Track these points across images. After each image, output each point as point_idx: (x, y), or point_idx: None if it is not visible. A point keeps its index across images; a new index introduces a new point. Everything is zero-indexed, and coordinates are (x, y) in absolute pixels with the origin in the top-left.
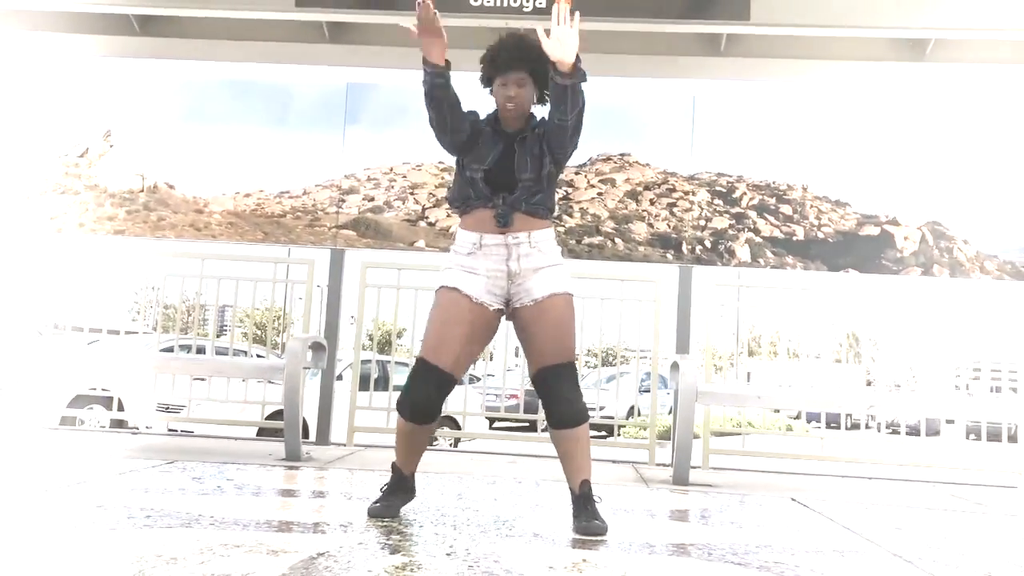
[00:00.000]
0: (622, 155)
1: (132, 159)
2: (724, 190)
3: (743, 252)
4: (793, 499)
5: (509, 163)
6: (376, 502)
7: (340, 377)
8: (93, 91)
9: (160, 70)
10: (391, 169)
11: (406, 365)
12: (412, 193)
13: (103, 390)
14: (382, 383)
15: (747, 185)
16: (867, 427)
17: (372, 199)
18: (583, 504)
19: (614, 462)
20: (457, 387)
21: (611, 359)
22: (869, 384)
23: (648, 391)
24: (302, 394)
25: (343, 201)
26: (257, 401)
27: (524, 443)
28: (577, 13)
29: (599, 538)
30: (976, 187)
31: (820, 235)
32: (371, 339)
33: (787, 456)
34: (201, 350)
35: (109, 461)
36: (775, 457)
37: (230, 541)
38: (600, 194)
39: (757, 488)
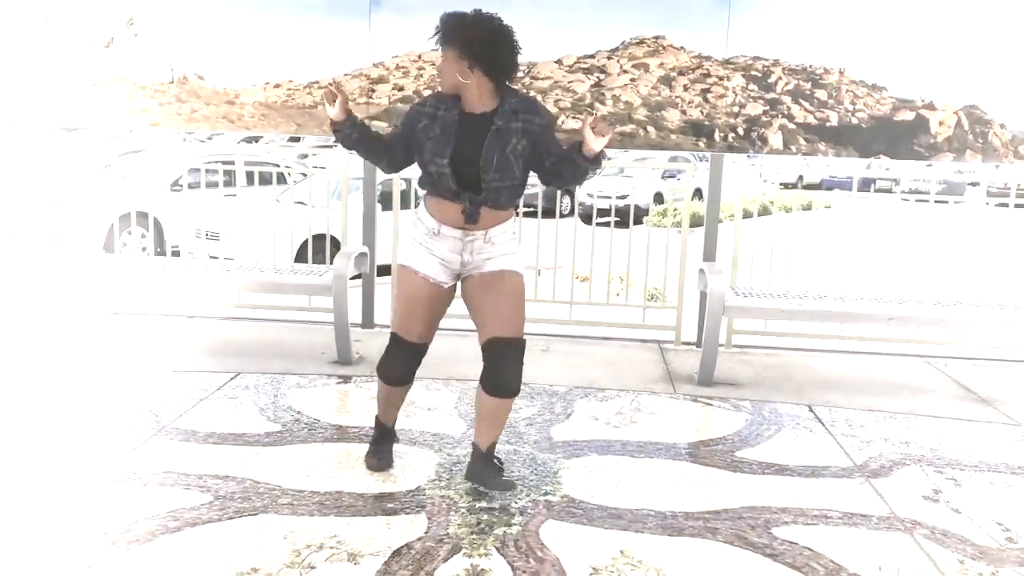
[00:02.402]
0: (656, 38)
1: (158, 48)
2: (759, 75)
3: (775, 139)
4: (810, 408)
5: (472, 151)
6: (371, 456)
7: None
8: None
9: None
10: (419, 57)
11: None
12: None
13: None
14: None
15: (783, 69)
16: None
17: (402, 88)
18: (484, 461)
19: (642, 342)
20: None
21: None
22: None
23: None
24: (347, 307)
25: (373, 91)
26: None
27: None
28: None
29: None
30: (1017, 66)
31: (854, 120)
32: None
33: (809, 336)
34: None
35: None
36: (795, 337)
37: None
38: (633, 80)
39: (779, 389)
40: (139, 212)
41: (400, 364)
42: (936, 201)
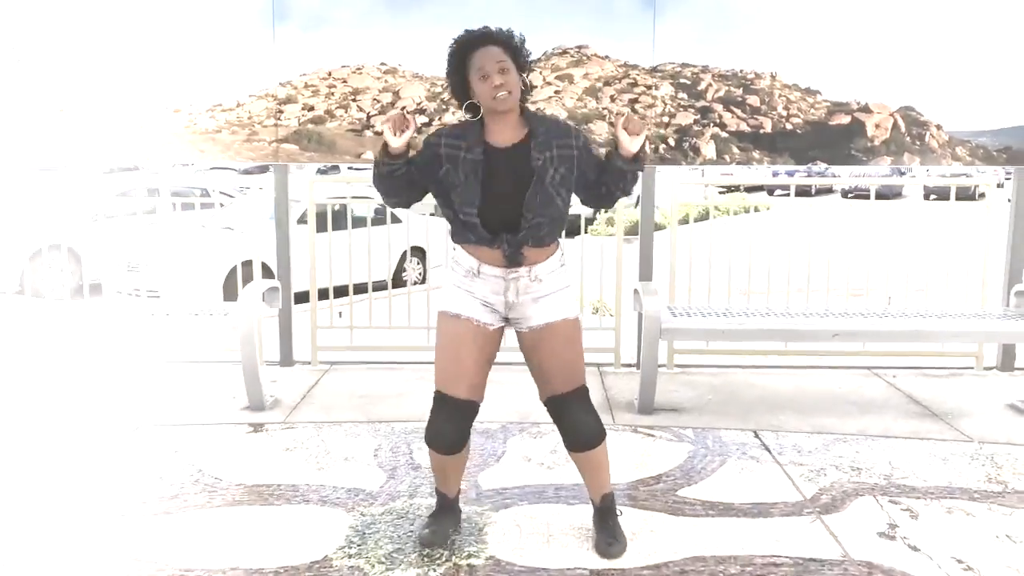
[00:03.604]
0: (579, 47)
1: (46, 75)
2: (688, 82)
3: (708, 149)
4: (756, 435)
5: (505, 189)
6: (425, 528)
7: None
8: None
9: None
10: (329, 74)
11: None
12: (355, 100)
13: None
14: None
15: (713, 76)
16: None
17: (312, 108)
18: (604, 519)
19: None
20: None
21: None
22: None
23: None
24: (258, 345)
25: (281, 112)
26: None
27: None
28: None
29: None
30: (952, 67)
31: (789, 127)
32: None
33: (753, 353)
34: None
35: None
36: (740, 354)
37: None
38: (558, 92)
39: (724, 412)
40: (55, 245)
41: (449, 429)
42: (877, 198)
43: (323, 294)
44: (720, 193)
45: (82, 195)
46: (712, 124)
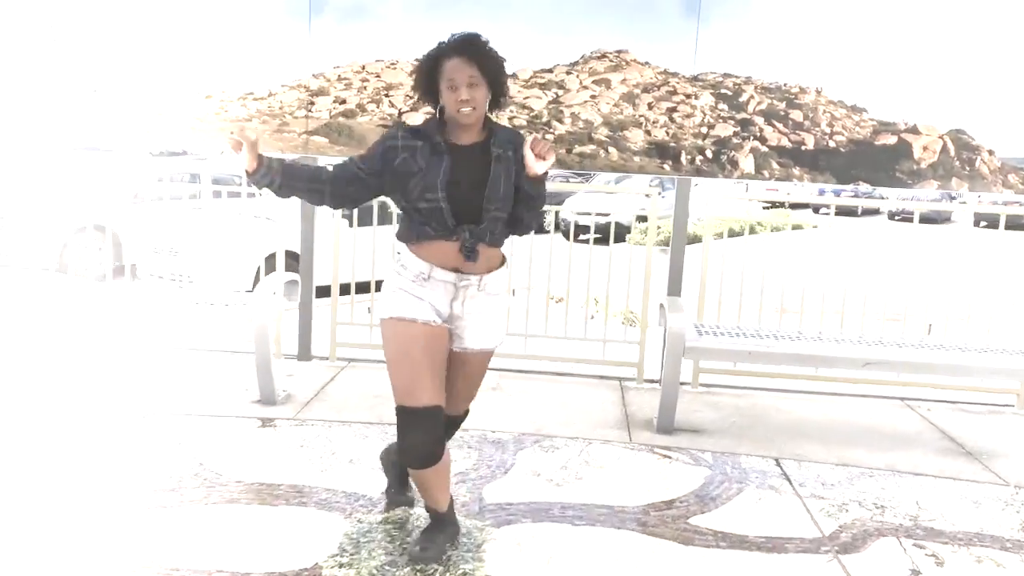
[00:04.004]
0: (619, 52)
1: (82, 55)
2: (730, 93)
3: (747, 163)
4: (778, 463)
5: (464, 184)
6: (416, 545)
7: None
8: None
9: None
10: (363, 68)
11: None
12: (387, 95)
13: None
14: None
15: (756, 88)
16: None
17: (343, 101)
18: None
19: (601, 378)
20: None
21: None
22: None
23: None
24: (271, 339)
25: (312, 104)
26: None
27: None
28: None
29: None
30: (1007, 91)
31: (831, 144)
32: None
33: (781, 376)
34: None
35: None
36: (768, 377)
37: None
38: (593, 97)
39: (746, 437)
40: (96, 226)
41: (422, 440)
42: (924, 222)
43: (347, 289)
44: (764, 208)
45: (124, 177)
46: (752, 137)
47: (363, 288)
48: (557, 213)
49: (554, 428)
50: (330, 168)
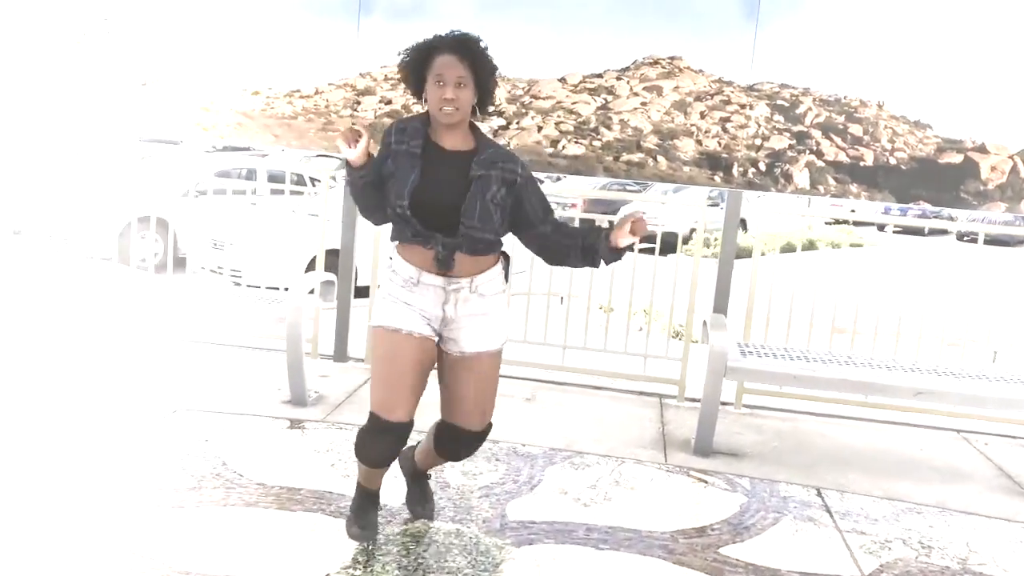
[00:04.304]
0: (672, 59)
1: (132, 47)
2: (786, 104)
3: (801, 177)
4: (819, 493)
5: (442, 190)
6: (352, 524)
7: None
8: None
9: None
10: None
11: None
12: None
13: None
14: None
15: (814, 100)
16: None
17: (390, 102)
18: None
19: (640, 394)
20: None
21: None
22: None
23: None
24: (302, 339)
25: (358, 103)
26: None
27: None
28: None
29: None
30: None
31: (892, 161)
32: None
33: (829, 401)
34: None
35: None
36: (815, 400)
37: None
38: (644, 104)
39: (787, 463)
40: (152, 218)
41: (381, 450)
42: (986, 243)
43: None
44: (827, 224)
45: (182, 170)
46: (808, 151)
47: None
48: (611, 223)
49: (586, 444)
50: None
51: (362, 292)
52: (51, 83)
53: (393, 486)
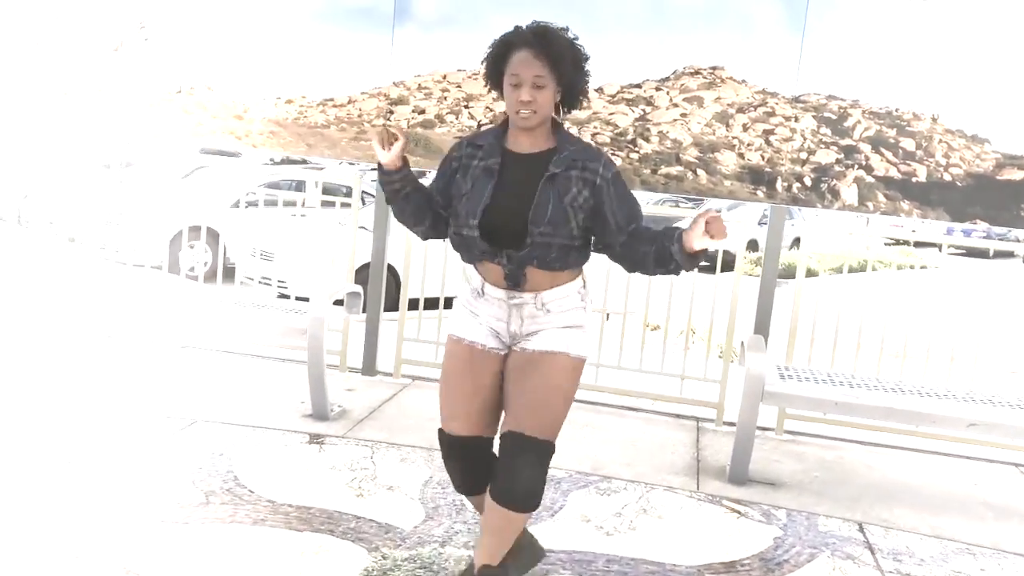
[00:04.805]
0: (713, 69)
1: (168, 55)
2: (834, 117)
3: (849, 193)
4: (860, 528)
5: (515, 200)
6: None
7: None
8: None
9: None
10: (444, 77)
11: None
12: (467, 106)
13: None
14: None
15: (863, 112)
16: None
17: (423, 111)
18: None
19: (676, 417)
20: None
21: None
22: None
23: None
24: (324, 350)
25: (391, 112)
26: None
27: None
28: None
29: None
30: None
31: (947, 177)
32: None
33: (876, 429)
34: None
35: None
36: (861, 428)
37: None
38: (684, 115)
39: (828, 495)
40: (200, 227)
41: (454, 468)
42: None
43: (418, 304)
44: (886, 245)
45: (232, 181)
46: (857, 166)
47: (432, 304)
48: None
49: (615, 468)
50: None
51: (414, 305)
52: (89, 90)
53: (406, 506)
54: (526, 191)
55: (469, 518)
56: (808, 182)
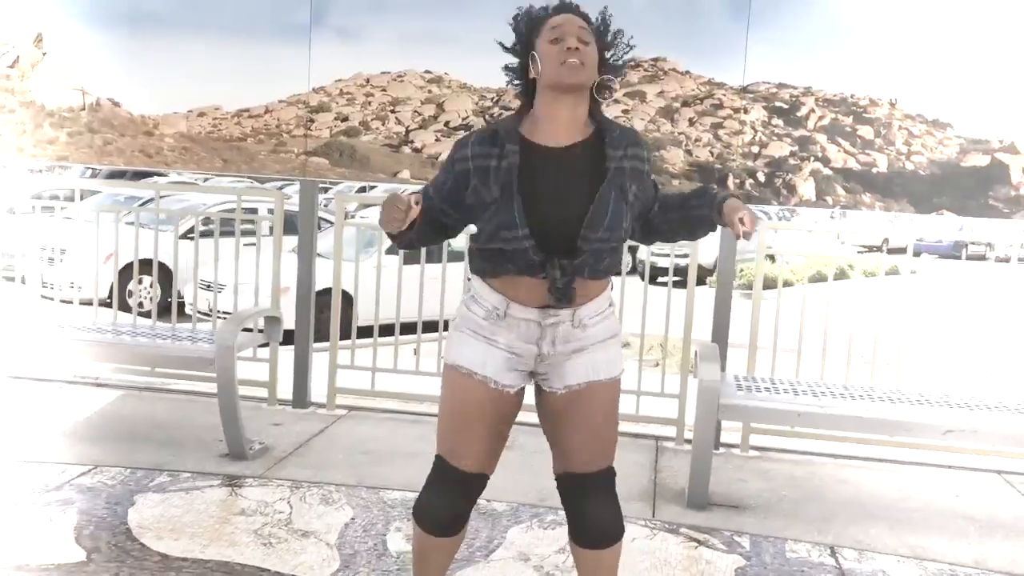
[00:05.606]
0: (655, 61)
1: (70, 69)
2: (786, 106)
3: (806, 188)
4: (833, 552)
5: (554, 203)
6: None
7: None
8: None
9: None
10: (367, 81)
11: None
12: (393, 111)
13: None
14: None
15: (817, 100)
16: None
17: (346, 118)
18: None
19: (635, 437)
20: None
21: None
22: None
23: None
24: (235, 382)
25: (312, 121)
26: None
27: None
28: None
29: None
30: None
31: (909, 166)
32: None
33: (849, 441)
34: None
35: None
36: (833, 440)
37: None
38: (626, 111)
39: (798, 516)
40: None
41: (445, 502)
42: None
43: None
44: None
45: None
46: (812, 158)
47: (367, 332)
48: (635, 254)
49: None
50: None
51: (363, 332)
52: None
53: (317, 554)
54: (574, 189)
55: (390, 566)
56: (761, 178)
